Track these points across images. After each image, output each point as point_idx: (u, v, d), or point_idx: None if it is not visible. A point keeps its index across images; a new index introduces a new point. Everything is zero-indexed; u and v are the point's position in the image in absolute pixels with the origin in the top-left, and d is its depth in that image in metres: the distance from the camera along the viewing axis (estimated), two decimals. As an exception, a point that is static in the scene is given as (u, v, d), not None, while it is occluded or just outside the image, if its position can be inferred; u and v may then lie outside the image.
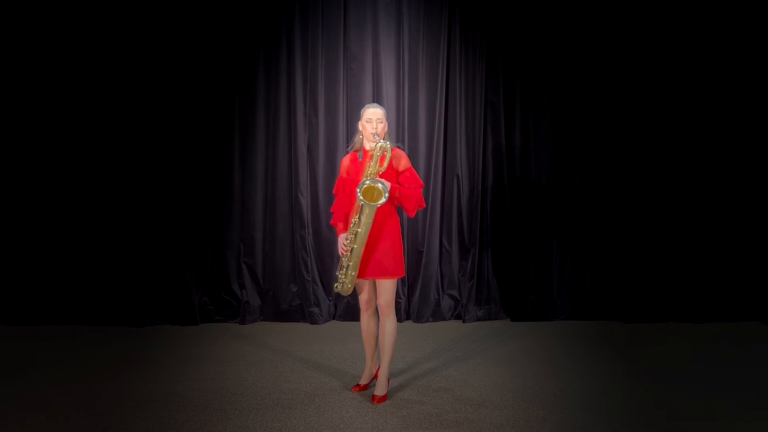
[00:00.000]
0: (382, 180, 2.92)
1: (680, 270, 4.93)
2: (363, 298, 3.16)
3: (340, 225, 3.17)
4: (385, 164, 2.95)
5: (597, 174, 4.98)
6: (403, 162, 3.10)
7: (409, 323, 4.81)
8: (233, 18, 4.74)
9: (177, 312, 4.70)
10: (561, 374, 3.53)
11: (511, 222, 4.97)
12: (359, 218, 2.95)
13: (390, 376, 3.32)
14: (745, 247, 4.94)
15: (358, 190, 2.87)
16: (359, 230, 2.95)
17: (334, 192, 3.26)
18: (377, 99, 4.79)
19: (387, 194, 2.88)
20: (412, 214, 3.12)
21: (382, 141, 2.95)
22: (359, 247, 2.97)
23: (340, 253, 3.08)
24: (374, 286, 3.14)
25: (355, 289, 3.15)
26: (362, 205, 2.90)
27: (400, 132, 4.86)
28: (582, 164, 4.99)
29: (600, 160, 4.97)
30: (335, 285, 3.11)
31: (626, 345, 4.21)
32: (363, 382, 3.30)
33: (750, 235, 4.94)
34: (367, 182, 2.89)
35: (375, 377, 3.29)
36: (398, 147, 3.19)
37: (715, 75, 4.89)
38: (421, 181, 3.14)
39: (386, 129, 3.09)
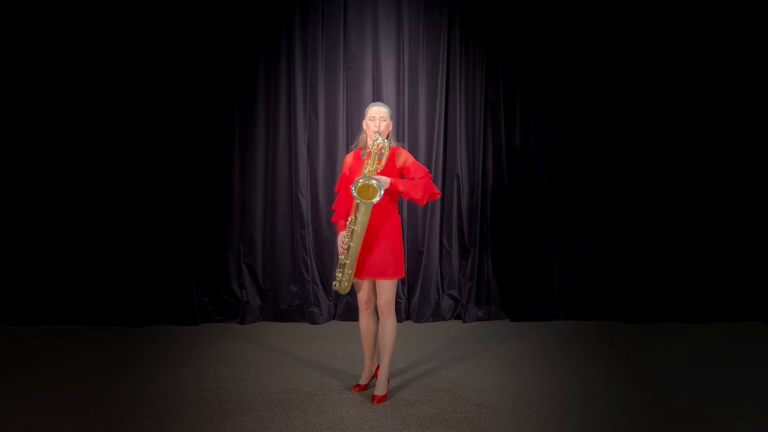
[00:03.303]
0: (378, 177, 2.90)
1: (680, 270, 4.93)
2: (362, 297, 3.16)
3: (341, 222, 3.17)
4: (383, 162, 2.94)
5: (597, 174, 4.98)
6: (403, 158, 3.08)
7: (409, 323, 4.81)
8: (233, 18, 4.75)
9: (177, 312, 4.71)
10: (561, 374, 3.53)
11: (511, 222, 4.97)
12: (356, 216, 2.94)
13: (390, 376, 3.32)
14: (744, 247, 4.94)
15: (353, 187, 2.85)
16: (356, 228, 2.94)
17: (336, 189, 3.25)
18: (377, 99, 4.79)
19: (382, 192, 2.86)
20: (423, 203, 3.04)
21: (380, 139, 2.93)
22: (356, 246, 2.96)
23: (338, 251, 3.08)
24: (373, 286, 3.13)
25: (354, 288, 3.15)
26: (358, 203, 2.90)
27: (400, 132, 4.86)
28: (582, 164, 4.99)
29: (600, 161, 4.98)
30: (333, 283, 3.11)
31: (626, 345, 4.21)
32: (363, 382, 3.30)
33: (749, 235, 4.94)
34: (362, 180, 2.87)
35: (374, 376, 3.29)
36: (400, 146, 3.18)
37: (715, 75, 4.90)
38: (428, 170, 3.07)
39: (390, 128, 3.08)
